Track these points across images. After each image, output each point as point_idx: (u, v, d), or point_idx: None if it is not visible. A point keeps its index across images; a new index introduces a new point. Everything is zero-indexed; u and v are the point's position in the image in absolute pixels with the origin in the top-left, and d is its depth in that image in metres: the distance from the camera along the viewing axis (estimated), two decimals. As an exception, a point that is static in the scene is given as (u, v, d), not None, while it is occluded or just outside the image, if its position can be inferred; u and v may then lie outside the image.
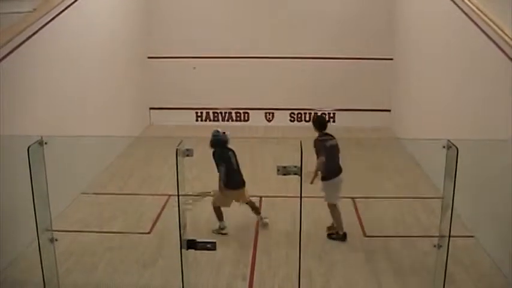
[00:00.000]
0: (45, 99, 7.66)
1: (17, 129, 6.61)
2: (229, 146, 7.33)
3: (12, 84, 6.76)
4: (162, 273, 6.33)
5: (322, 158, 6.78)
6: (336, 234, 7.14)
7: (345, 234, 7.09)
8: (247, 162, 9.87)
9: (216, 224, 7.31)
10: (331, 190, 7.03)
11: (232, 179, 7.18)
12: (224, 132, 7.33)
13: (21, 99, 6.99)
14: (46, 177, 5.35)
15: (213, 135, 7.29)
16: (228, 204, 7.32)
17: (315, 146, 6.85)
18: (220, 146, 7.24)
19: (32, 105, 7.27)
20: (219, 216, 7.31)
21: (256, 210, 7.54)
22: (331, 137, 7.06)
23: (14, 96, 6.80)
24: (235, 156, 7.31)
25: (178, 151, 5.10)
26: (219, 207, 7.31)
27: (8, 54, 6.66)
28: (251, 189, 7.62)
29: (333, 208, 7.10)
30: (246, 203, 7.45)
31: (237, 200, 7.39)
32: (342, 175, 7.09)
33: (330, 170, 6.94)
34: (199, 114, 13.20)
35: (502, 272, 6.22)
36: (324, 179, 6.98)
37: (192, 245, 5.14)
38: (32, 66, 7.34)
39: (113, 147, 10.18)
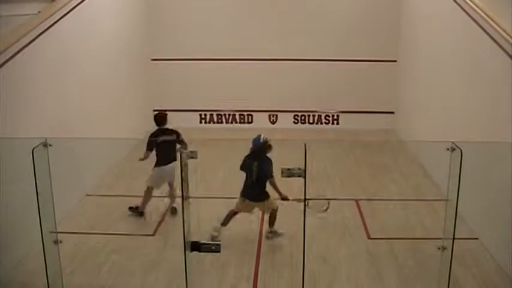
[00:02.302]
0: (49, 102, 7.69)
1: (22, 131, 6.63)
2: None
3: (16, 86, 6.78)
4: (166, 275, 6.33)
5: (146, 153, 7.65)
6: (136, 209, 7.93)
7: (142, 213, 7.91)
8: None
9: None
10: (154, 176, 7.85)
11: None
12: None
13: (25, 101, 7.01)
14: (50, 179, 5.36)
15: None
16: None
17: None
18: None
19: (36, 107, 7.29)
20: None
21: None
22: (170, 132, 7.84)
23: (18, 98, 6.83)
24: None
25: (182, 153, 5.11)
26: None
27: (12, 56, 6.68)
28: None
29: (148, 190, 7.87)
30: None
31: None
32: (173, 164, 7.64)
33: (158, 159, 7.74)
34: (203, 116, 13.21)
35: (506, 274, 6.21)
36: (154, 165, 7.81)
37: (196, 247, 5.14)
38: (37, 69, 7.36)
39: (118, 149, 10.19)
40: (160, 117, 8.02)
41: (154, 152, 7.72)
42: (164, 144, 7.70)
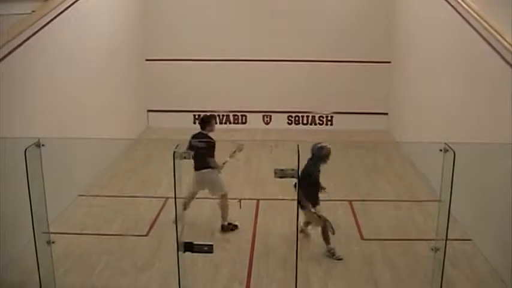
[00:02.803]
0: (43, 101, 7.65)
1: (15, 130, 6.60)
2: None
3: (10, 86, 6.75)
4: (159, 275, 6.31)
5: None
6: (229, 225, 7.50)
7: (229, 225, 7.48)
8: (244, 165, 9.89)
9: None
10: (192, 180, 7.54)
11: None
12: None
13: (19, 101, 6.98)
14: (43, 179, 5.34)
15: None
16: None
17: None
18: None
19: (30, 107, 7.26)
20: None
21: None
22: (204, 137, 7.45)
23: (12, 98, 6.80)
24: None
25: (175, 154, 5.11)
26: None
27: (6, 56, 6.65)
28: (249, 192, 7.61)
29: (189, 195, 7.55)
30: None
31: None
32: (204, 172, 7.38)
33: (194, 164, 7.41)
34: (197, 116, 13.13)
35: (499, 276, 6.23)
36: None
37: (189, 247, 5.15)
38: (30, 68, 7.33)
39: (111, 150, 10.17)
40: (201, 120, 7.78)
41: None
42: (196, 149, 7.29)
